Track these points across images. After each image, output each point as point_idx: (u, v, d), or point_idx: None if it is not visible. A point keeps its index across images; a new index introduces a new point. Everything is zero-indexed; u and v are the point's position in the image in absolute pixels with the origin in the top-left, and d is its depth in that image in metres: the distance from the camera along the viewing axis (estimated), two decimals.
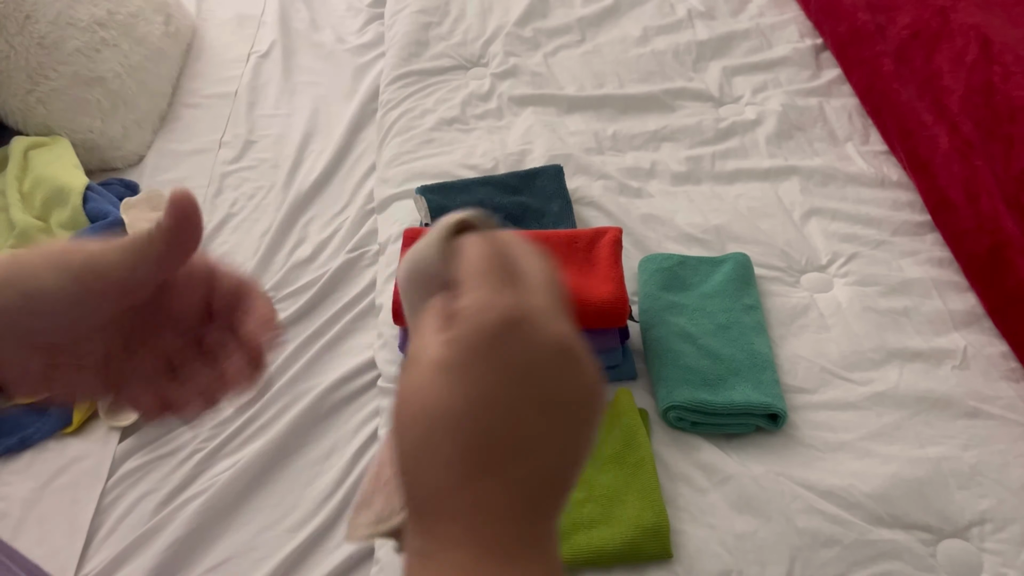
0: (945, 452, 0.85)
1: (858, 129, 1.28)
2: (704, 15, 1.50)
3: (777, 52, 1.42)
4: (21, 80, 1.22)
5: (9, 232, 1.13)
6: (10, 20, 1.19)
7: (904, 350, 0.95)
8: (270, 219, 1.22)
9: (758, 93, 1.35)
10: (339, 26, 1.62)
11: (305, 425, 0.93)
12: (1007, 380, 0.93)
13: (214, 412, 0.49)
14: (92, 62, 1.28)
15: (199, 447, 0.92)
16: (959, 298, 1.02)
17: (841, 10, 1.38)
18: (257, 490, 0.88)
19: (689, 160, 1.22)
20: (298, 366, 0.99)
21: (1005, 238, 0.98)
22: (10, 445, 0.92)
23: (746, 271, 1.01)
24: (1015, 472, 0.84)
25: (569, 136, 1.27)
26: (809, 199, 1.15)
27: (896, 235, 1.10)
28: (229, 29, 1.62)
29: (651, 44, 1.45)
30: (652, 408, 0.90)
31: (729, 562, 0.77)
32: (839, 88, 1.35)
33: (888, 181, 1.18)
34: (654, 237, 1.09)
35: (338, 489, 0.88)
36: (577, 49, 1.45)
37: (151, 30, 1.42)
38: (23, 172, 1.20)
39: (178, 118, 1.42)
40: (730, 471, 0.83)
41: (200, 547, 0.84)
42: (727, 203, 1.15)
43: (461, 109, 1.32)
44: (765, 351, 0.92)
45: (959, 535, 0.79)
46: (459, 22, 1.51)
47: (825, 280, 1.05)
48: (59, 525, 0.86)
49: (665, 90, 1.34)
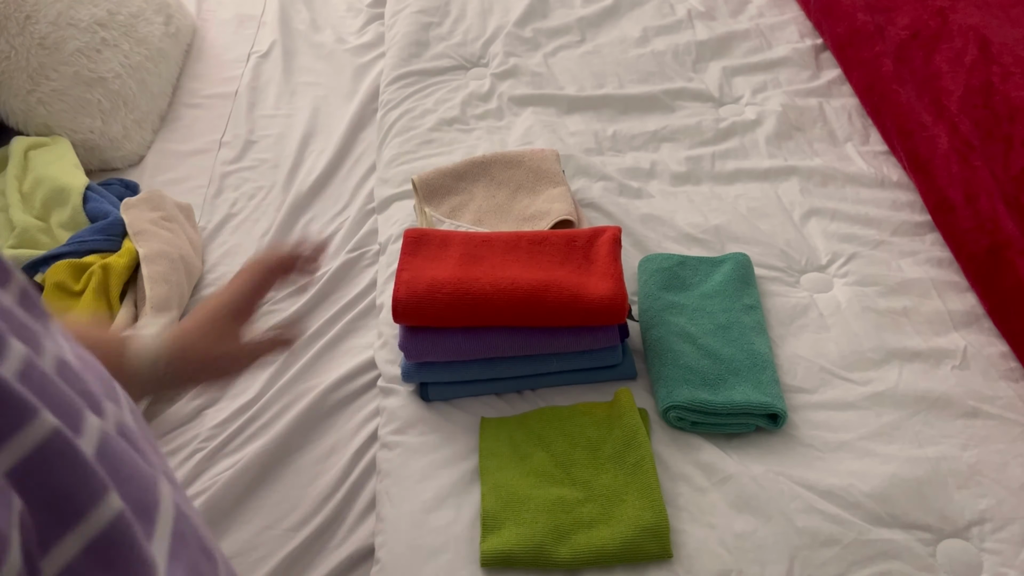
0: (945, 452, 0.85)
1: (858, 129, 1.28)
2: (704, 15, 1.51)
3: (777, 52, 1.42)
4: (22, 80, 1.22)
5: (9, 232, 1.13)
6: (11, 21, 1.20)
7: (904, 350, 0.95)
8: (270, 219, 1.22)
9: (758, 93, 1.35)
10: (339, 26, 1.62)
11: (305, 425, 0.93)
12: (1007, 380, 0.93)
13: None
14: (93, 62, 1.28)
15: (199, 447, 0.92)
16: (959, 298, 1.02)
17: (841, 10, 1.38)
18: (257, 489, 0.88)
19: (689, 160, 1.22)
20: (298, 366, 0.99)
21: (1004, 238, 0.98)
22: None
23: (746, 271, 1.01)
24: (1015, 472, 0.84)
25: (569, 136, 1.27)
26: (809, 199, 1.15)
27: (896, 235, 1.10)
28: (229, 29, 1.63)
29: (651, 44, 1.45)
30: (652, 408, 0.90)
31: (729, 562, 0.77)
32: (839, 88, 1.36)
33: (888, 181, 1.18)
34: (654, 237, 1.09)
35: (338, 489, 0.88)
36: (577, 49, 1.45)
37: (151, 30, 1.42)
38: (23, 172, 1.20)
39: (178, 118, 1.43)
40: (730, 471, 0.83)
41: None
42: (727, 203, 1.15)
43: (461, 109, 1.32)
44: (765, 351, 0.92)
45: (959, 535, 0.80)
46: (459, 22, 1.52)
47: (825, 280, 1.05)
48: None
49: (665, 90, 1.35)
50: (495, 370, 0.91)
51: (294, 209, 1.23)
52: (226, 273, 1.14)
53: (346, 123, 1.37)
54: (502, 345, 0.89)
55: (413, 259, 0.94)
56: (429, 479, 0.84)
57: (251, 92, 1.46)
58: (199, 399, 0.97)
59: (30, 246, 1.12)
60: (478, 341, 0.89)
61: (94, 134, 1.28)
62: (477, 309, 0.87)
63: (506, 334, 0.89)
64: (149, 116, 1.37)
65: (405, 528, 0.80)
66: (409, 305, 0.88)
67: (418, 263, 0.93)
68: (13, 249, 1.10)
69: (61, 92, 1.25)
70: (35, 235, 1.13)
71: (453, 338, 0.89)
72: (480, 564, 0.77)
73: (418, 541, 0.79)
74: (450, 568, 0.77)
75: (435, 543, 0.79)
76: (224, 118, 1.41)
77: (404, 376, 0.92)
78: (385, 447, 0.89)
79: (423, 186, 1.13)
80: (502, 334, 0.89)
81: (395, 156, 1.25)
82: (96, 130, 1.28)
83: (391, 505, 0.83)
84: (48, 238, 1.13)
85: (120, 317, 0.99)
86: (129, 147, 1.33)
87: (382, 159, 1.27)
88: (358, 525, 0.85)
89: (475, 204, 1.11)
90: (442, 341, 0.90)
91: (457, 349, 0.89)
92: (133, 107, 1.34)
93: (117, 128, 1.31)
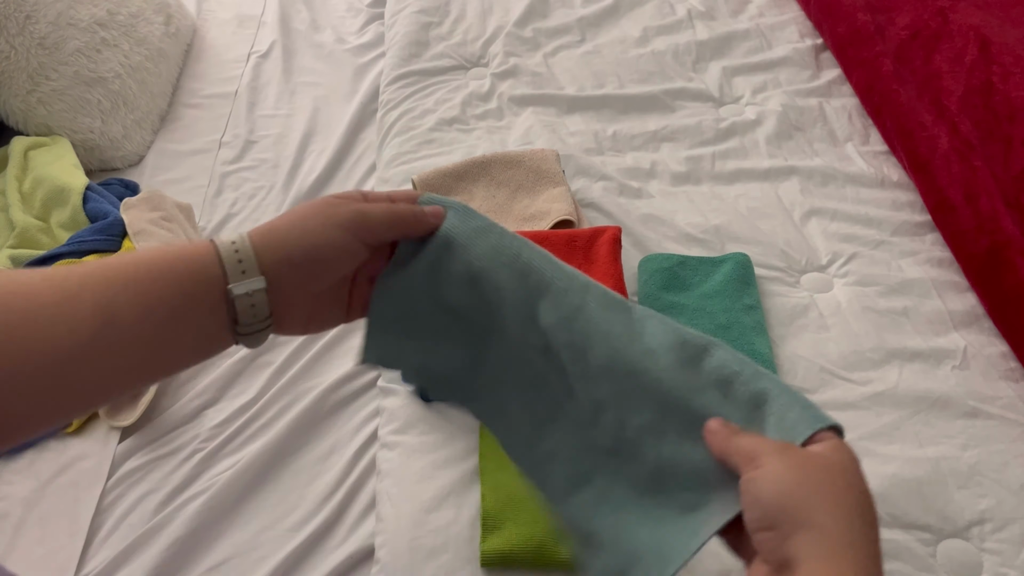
0: (945, 452, 0.85)
1: (858, 129, 1.28)
2: (704, 15, 1.51)
3: (777, 52, 1.42)
4: (22, 80, 1.22)
5: (9, 232, 1.13)
6: (11, 20, 1.20)
7: (904, 350, 0.95)
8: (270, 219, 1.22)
9: (758, 93, 1.35)
10: (339, 26, 1.62)
11: (305, 425, 0.93)
12: (1007, 380, 0.93)
13: None
14: (92, 62, 1.28)
15: (199, 447, 0.92)
16: (959, 298, 1.02)
17: (841, 10, 1.38)
18: (257, 490, 0.88)
19: (689, 160, 1.22)
20: (298, 366, 0.99)
21: (1005, 238, 0.98)
22: None
23: (746, 271, 1.01)
24: (1015, 472, 0.84)
25: (569, 136, 1.27)
26: (809, 199, 1.15)
27: (896, 235, 1.10)
28: (229, 29, 1.63)
29: (651, 44, 1.45)
30: None
31: (729, 562, 0.77)
32: (839, 88, 1.36)
33: (888, 181, 1.18)
34: (654, 237, 1.09)
35: (338, 489, 0.88)
36: (577, 49, 1.45)
37: (151, 30, 1.42)
38: (23, 172, 1.20)
39: (178, 118, 1.43)
40: None
41: (200, 547, 0.84)
42: (727, 203, 1.15)
43: (461, 109, 1.32)
44: (765, 351, 0.92)
45: (959, 535, 0.80)
46: (459, 22, 1.52)
47: (825, 280, 1.05)
48: (59, 525, 0.86)
49: (665, 90, 1.34)
50: None
51: None
52: None
53: (346, 123, 1.37)
54: None
55: None
56: (429, 479, 0.84)
57: (251, 92, 1.46)
58: (199, 399, 0.97)
59: (30, 246, 1.12)
60: None
61: (94, 134, 1.28)
62: None
63: None
64: (149, 116, 1.37)
65: (405, 528, 0.80)
66: None
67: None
68: (13, 249, 1.10)
69: (61, 92, 1.25)
70: (35, 235, 1.13)
71: None
72: (480, 564, 0.77)
73: (418, 541, 0.79)
74: (450, 568, 0.77)
75: (435, 543, 0.79)
76: (224, 118, 1.41)
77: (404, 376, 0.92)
78: (385, 447, 0.89)
79: (423, 186, 1.13)
80: None
81: (395, 156, 1.25)
82: (96, 130, 1.28)
83: (391, 505, 0.83)
84: (48, 238, 1.13)
85: None
86: (129, 147, 1.33)
87: (382, 159, 1.27)
88: (358, 525, 0.85)
89: (475, 204, 1.11)
90: None
91: None
92: (133, 107, 1.34)
93: (117, 128, 1.31)
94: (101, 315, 0.42)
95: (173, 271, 0.45)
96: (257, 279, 0.47)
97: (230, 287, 0.46)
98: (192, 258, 0.46)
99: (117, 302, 0.43)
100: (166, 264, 0.46)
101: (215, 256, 0.47)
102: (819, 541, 0.41)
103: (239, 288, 0.46)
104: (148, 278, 0.45)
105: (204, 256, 0.47)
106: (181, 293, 0.45)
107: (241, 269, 0.47)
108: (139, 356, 0.45)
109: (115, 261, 0.45)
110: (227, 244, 0.47)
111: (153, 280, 0.45)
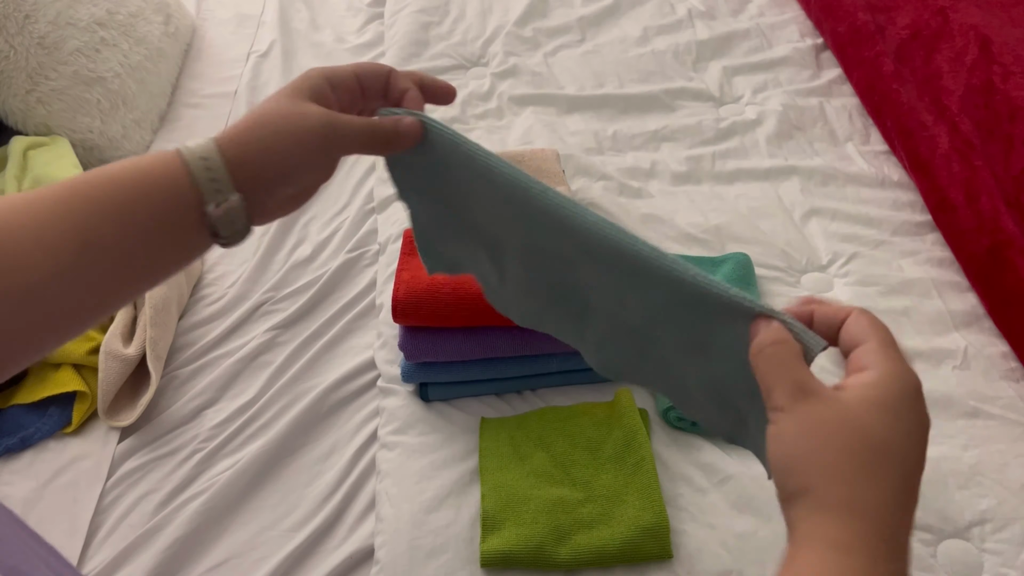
0: (945, 452, 0.85)
1: (858, 129, 1.28)
2: (704, 15, 1.51)
3: (777, 52, 1.42)
4: (21, 80, 1.22)
5: None
6: (10, 20, 1.19)
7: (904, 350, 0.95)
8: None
9: (758, 93, 1.35)
10: (339, 26, 1.62)
11: (305, 425, 0.93)
12: (1007, 380, 0.93)
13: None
14: (92, 62, 1.28)
15: (199, 447, 0.92)
16: (959, 298, 1.02)
17: (841, 10, 1.38)
18: (257, 490, 0.88)
19: (689, 160, 1.22)
20: (298, 366, 0.99)
21: (1005, 238, 0.98)
22: (10, 445, 0.92)
23: (746, 271, 1.01)
24: (1015, 472, 0.84)
25: (569, 136, 1.27)
26: (809, 199, 1.15)
27: (896, 235, 1.10)
28: (229, 29, 1.62)
29: (651, 44, 1.45)
30: (652, 408, 0.90)
31: (729, 562, 0.77)
32: (839, 88, 1.36)
33: (888, 181, 1.18)
34: (654, 237, 1.09)
35: (338, 489, 0.88)
36: (577, 49, 1.45)
37: (151, 30, 1.42)
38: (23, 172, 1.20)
39: (178, 118, 1.42)
40: (730, 471, 0.83)
41: (200, 547, 0.84)
42: (727, 203, 1.15)
43: (461, 109, 1.32)
44: None
45: (959, 535, 0.79)
46: (459, 22, 1.52)
47: (825, 280, 1.05)
48: (59, 525, 0.86)
49: (665, 90, 1.34)
50: (495, 370, 0.91)
51: None
52: (225, 273, 1.14)
53: None
54: (502, 345, 0.89)
55: (413, 259, 0.94)
56: (429, 479, 0.84)
57: (251, 92, 1.46)
58: (199, 399, 0.97)
59: None
60: (478, 341, 0.89)
61: (93, 134, 1.28)
62: (477, 309, 0.87)
63: (506, 334, 0.89)
64: (148, 116, 1.37)
65: (405, 528, 0.80)
66: (409, 305, 0.88)
67: (418, 263, 0.93)
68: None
69: (60, 92, 1.25)
70: None
71: (453, 338, 0.89)
72: (480, 564, 0.77)
73: (418, 541, 0.79)
74: (450, 568, 0.77)
75: (435, 543, 0.79)
76: (224, 118, 1.41)
77: (404, 376, 0.92)
78: (385, 447, 0.88)
79: None
80: (502, 334, 0.89)
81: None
82: (95, 130, 1.28)
83: (391, 505, 0.83)
84: None
85: (119, 318, 0.99)
86: (128, 147, 1.32)
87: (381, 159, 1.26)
88: (358, 525, 0.85)
89: None
90: (442, 341, 0.89)
91: (457, 349, 0.89)
92: (132, 107, 1.33)
93: (116, 128, 1.31)
94: (82, 239, 0.44)
95: (149, 198, 0.47)
96: (233, 196, 0.48)
97: (208, 209, 0.47)
98: (166, 183, 0.47)
99: (97, 227, 0.45)
100: (142, 192, 0.47)
101: (188, 178, 0.47)
102: (810, 503, 0.41)
103: (217, 208, 0.47)
104: (128, 201, 0.46)
105: (178, 177, 0.47)
106: (160, 213, 0.47)
107: (215, 188, 0.47)
108: (121, 275, 0.47)
109: (93, 180, 0.46)
110: (198, 161, 0.47)
111: (133, 202, 0.46)
